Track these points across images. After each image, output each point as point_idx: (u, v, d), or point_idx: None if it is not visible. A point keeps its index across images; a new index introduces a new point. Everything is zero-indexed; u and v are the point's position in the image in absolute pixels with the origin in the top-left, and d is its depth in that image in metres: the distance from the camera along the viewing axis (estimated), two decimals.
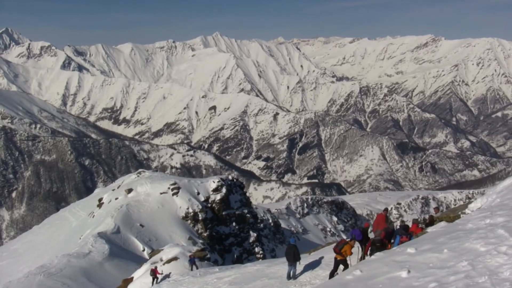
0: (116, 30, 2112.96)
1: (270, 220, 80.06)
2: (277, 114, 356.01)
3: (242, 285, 17.94)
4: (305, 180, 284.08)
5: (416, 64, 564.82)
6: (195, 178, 69.67)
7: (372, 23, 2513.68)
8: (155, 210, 51.04)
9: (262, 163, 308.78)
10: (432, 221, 19.96)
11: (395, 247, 14.74)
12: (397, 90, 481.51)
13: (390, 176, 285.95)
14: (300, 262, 17.28)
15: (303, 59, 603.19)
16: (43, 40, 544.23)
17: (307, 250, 31.93)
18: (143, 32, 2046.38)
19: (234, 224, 57.52)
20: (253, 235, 58.98)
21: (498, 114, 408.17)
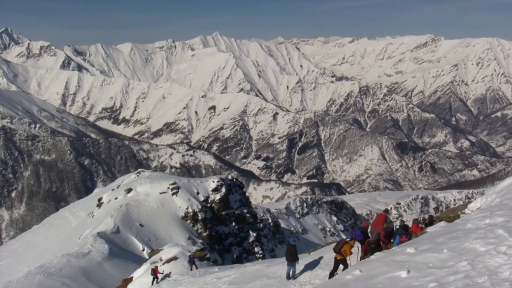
0: (116, 30, 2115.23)
1: (270, 220, 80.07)
2: (276, 114, 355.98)
3: (242, 285, 17.94)
4: (304, 180, 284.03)
5: (415, 64, 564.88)
6: (195, 178, 69.68)
7: (372, 23, 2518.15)
8: (154, 210, 51.00)
9: (261, 163, 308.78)
10: (431, 221, 19.99)
11: (395, 247, 14.76)
12: (396, 90, 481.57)
13: (389, 176, 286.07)
14: (298, 262, 17.29)
15: (302, 59, 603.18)
16: (43, 40, 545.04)
17: (306, 250, 31.94)
18: (142, 32, 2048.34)
19: (234, 224, 57.50)
20: (252, 235, 58.98)
21: (497, 114, 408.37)
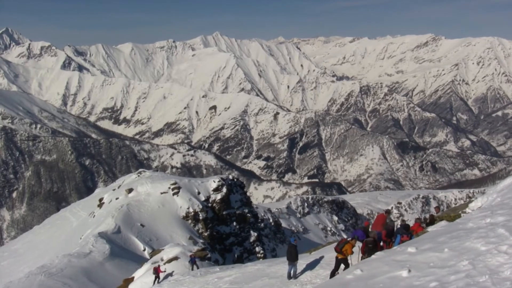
0: (116, 30, 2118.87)
1: (271, 220, 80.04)
2: (277, 113, 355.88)
3: (243, 284, 17.95)
4: (305, 180, 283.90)
5: (416, 63, 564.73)
6: (196, 178, 69.67)
7: (372, 23, 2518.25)
8: (155, 210, 50.99)
9: (262, 163, 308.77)
10: (432, 220, 19.98)
11: (396, 247, 14.76)
12: (397, 90, 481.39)
13: (390, 176, 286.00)
14: (297, 261, 17.28)
15: (303, 59, 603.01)
16: (43, 40, 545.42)
17: (307, 249, 31.92)
18: (143, 32, 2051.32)
19: (235, 223, 57.48)
20: (253, 234, 58.97)
21: (498, 113, 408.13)
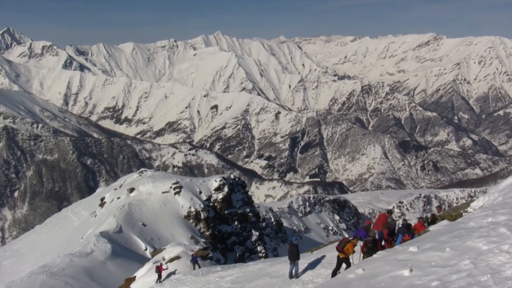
0: (118, 30, 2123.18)
1: (272, 219, 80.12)
2: (278, 113, 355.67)
3: (244, 284, 17.96)
4: (307, 179, 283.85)
5: (417, 62, 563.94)
6: (197, 177, 69.68)
7: (374, 22, 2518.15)
8: (157, 209, 51.04)
9: (264, 162, 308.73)
10: (434, 219, 19.98)
11: (397, 246, 14.76)
12: (399, 89, 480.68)
13: (392, 175, 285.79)
14: (298, 261, 17.29)
15: (304, 58, 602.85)
16: (45, 39, 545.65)
17: (309, 248, 31.92)
18: (144, 31, 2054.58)
19: (236, 223, 57.53)
20: (255, 234, 59.01)
21: (500, 113, 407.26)
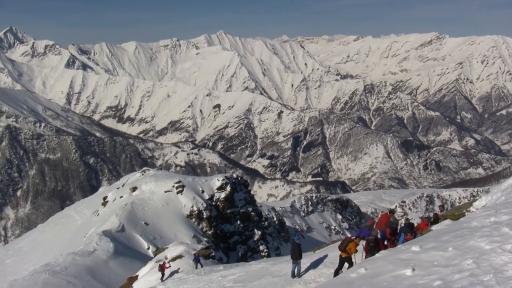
0: (120, 29, 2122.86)
1: (275, 218, 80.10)
2: (281, 112, 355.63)
3: (247, 283, 17.97)
4: (309, 178, 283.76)
5: (420, 62, 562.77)
6: (200, 176, 69.76)
7: (376, 21, 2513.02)
8: (159, 208, 51.09)
9: (266, 161, 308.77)
10: (436, 219, 19.95)
11: (400, 245, 14.75)
12: (401, 88, 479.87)
13: (394, 174, 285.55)
14: (301, 260, 17.29)
15: (307, 57, 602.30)
16: (47, 39, 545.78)
17: (311, 248, 31.92)
18: (147, 30, 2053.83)
19: (239, 222, 57.52)
20: (257, 233, 58.99)
21: (502, 112, 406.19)
